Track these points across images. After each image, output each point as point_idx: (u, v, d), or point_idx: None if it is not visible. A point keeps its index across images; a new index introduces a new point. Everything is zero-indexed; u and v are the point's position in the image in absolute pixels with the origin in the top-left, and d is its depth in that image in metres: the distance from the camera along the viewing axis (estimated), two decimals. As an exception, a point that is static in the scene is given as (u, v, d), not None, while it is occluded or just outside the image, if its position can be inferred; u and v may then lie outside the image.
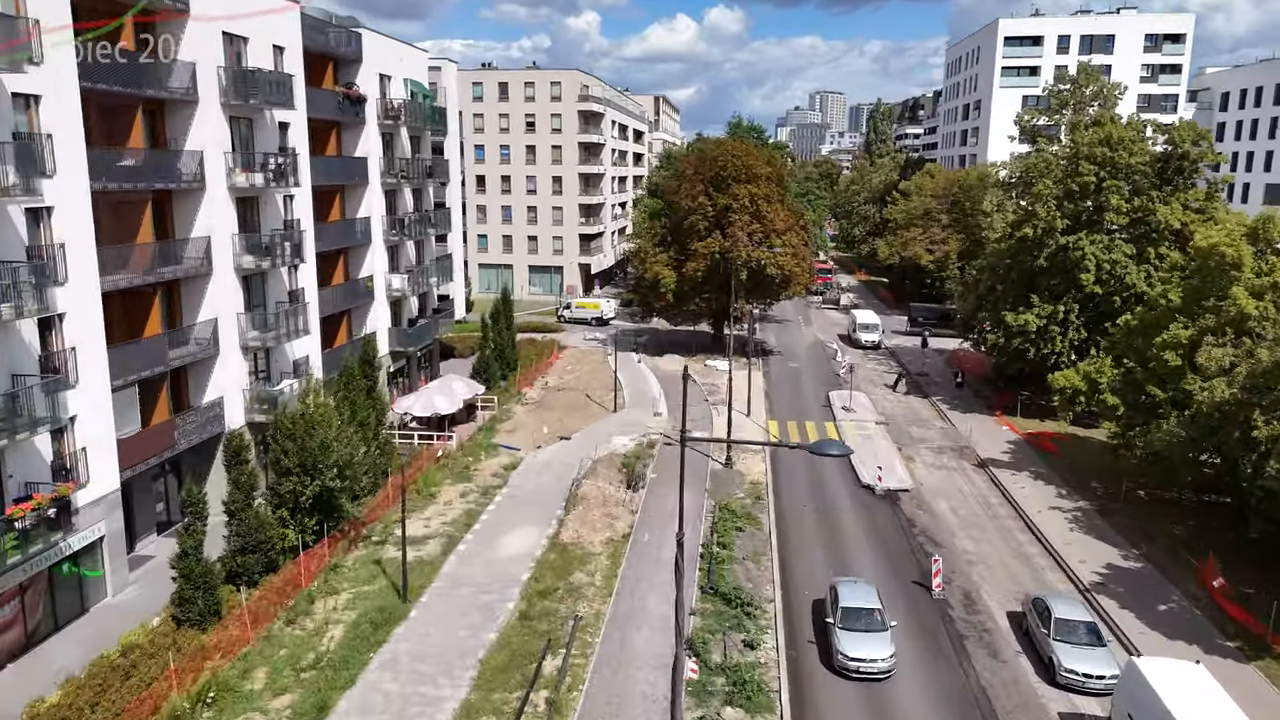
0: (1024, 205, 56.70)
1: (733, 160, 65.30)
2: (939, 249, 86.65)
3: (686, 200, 66.59)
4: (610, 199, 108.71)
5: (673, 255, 68.35)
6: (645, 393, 59.23)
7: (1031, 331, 50.97)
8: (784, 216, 66.54)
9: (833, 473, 44.52)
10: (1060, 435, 49.42)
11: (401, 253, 55.06)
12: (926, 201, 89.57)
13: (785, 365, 68.95)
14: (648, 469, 43.74)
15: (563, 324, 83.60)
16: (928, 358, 71.41)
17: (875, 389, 61.91)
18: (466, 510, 38.30)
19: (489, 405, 53.39)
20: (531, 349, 69.34)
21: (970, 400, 58.21)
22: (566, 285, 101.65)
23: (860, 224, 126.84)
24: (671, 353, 71.90)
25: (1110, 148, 50.72)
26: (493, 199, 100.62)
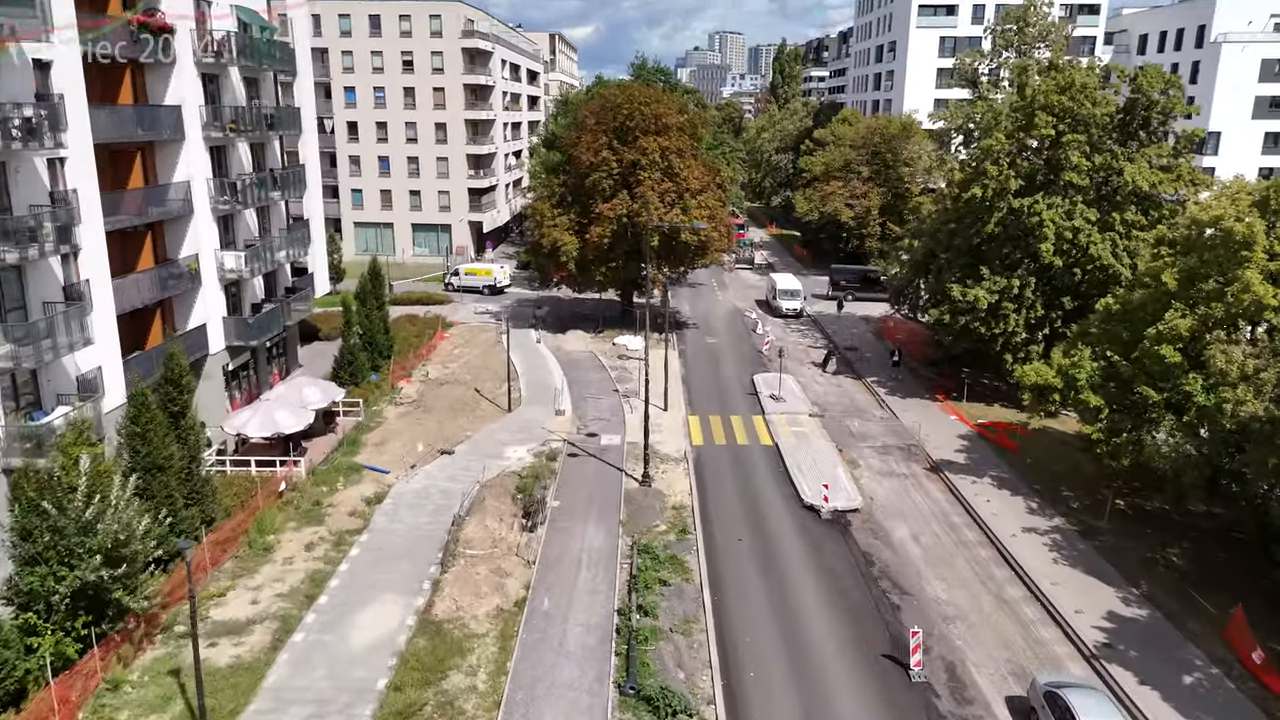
0: (965, 161, 50.17)
1: (640, 109, 56.64)
2: (859, 204, 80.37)
3: (588, 155, 57.72)
4: (503, 147, 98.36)
5: (574, 218, 59.62)
6: (545, 383, 50.92)
7: (982, 309, 44.79)
8: (699, 174, 58.50)
9: (770, 488, 37.52)
10: (1016, 427, 43.69)
11: (238, 223, 44.79)
12: (845, 152, 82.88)
13: (702, 341, 61.58)
14: (548, 493, 35.79)
15: (450, 294, 74.01)
16: (855, 329, 65.18)
17: (803, 368, 55.24)
18: (312, 572, 29.61)
19: (353, 410, 44.22)
20: (411, 328, 59.91)
21: (909, 382, 52.11)
22: (456, 246, 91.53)
23: (771, 175, 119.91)
24: (576, 328, 63.61)
25: (1069, 96, 44.37)
26: (367, 149, 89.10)
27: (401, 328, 59.45)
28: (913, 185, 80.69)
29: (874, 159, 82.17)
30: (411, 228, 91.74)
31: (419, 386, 49.57)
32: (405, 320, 62.00)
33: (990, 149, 45.39)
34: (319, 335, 59.30)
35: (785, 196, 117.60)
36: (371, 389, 47.73)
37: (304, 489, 35.53)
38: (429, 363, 54.62)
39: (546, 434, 42.68)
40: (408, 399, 47.33)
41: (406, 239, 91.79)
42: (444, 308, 69.33)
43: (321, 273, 58.33)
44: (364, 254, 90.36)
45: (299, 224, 54.60)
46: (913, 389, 50.71)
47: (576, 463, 39.44)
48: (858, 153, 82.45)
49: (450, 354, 56.74)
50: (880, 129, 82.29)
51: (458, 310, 68.52)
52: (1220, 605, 28.04)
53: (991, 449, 41.52)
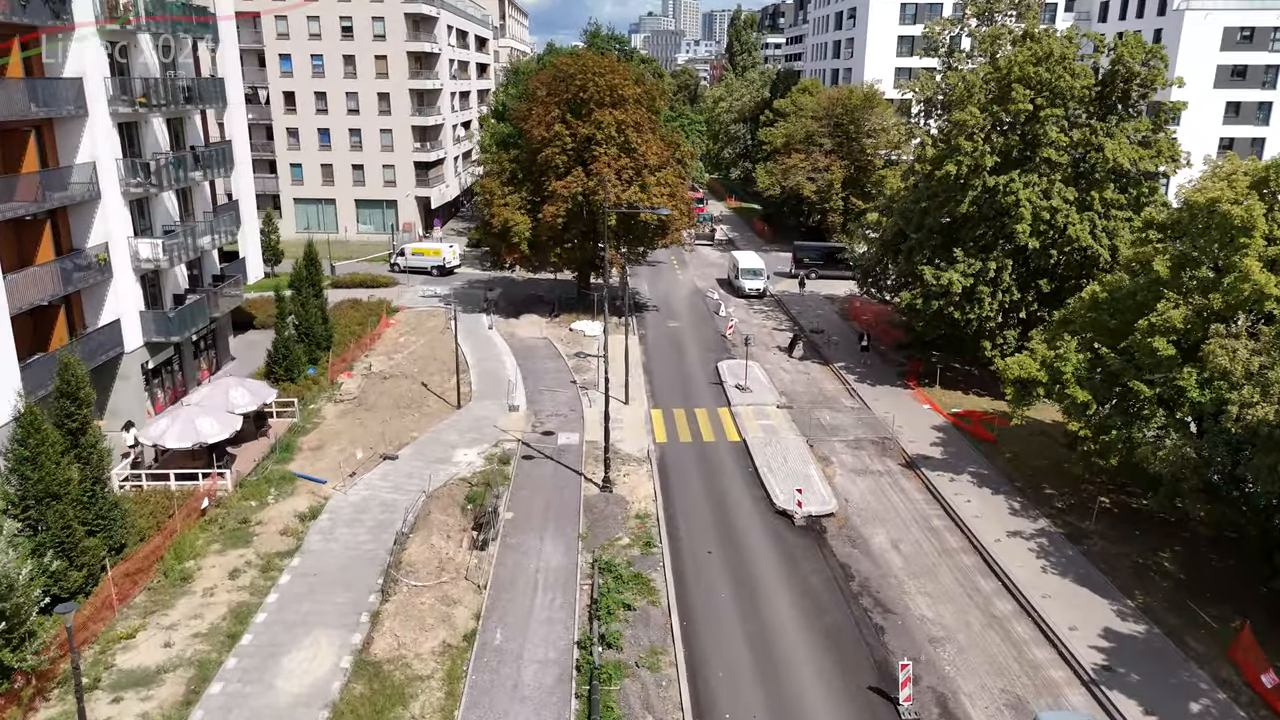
0: (937, 136, 47.77)
1: (594, 80, 53.27)
2: (822, 177, 77.90)
3: (539, 130, 54.31)
4: (451, 118, 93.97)
5: (525, 196, 56.29)
6: (498, 375, 47.87)
7: (956, 294, 42.65)
8: (657, 149, 55.44)
9: (739, 491, 35.13)
10: (992, 417, 41.82)
11: (155, 208, 40.87)
12: (807, 124, 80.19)
13: (664, 325, 58.84)
14: (501, 503, 32.99)
15: (397, 275, 70.22)
16: (820, 310, 62.94)
17: (768, 353, 52.88)
18: (235, 605, 26.54)
19: (288, 410, 40.82)
20: (354, 314, 56.28)
21: (878, 367, 50.01)
22: (402, 223, 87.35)
23: (729, 145, 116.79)
24: (530, 312, 60.48)
25: (1047, 68, 42.08)
26: (306, 121, 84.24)
27: (343, 314, 55.86)
28: (876, 158, 78.51)
29: (836, 131, 79.64)
30: (355, 204, 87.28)
31: (361, 381, 46.19)
32: (348, 305, 58.34)
33: (964, 124, 43.01)
34: (254, 324, 55.52)
35: (745, 169, 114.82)
36: (308, 385, 44.29)
37: (230, 504, 32.27)
38: (372, 353, 51.18)
39: (499, 434, 39.76)
40: (348, 396, 43.98)
41: (350, 216, 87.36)
42: (390, 291, 65.64)
43: (254, 256, 54.36)
44: (305, 232, 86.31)
45: (227, 205, 50.59)
46: (883, 375, 48.61)
47: (532, 466, 36.65)
48: (819, 124, 79.83)
49: (396, 343, 53.31)
50: (842, 99, 79.68)
51: (404, 293, 64.89)
52: (1221, 618, 26.36)
53: (968, 441, 39.58)
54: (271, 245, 68.60)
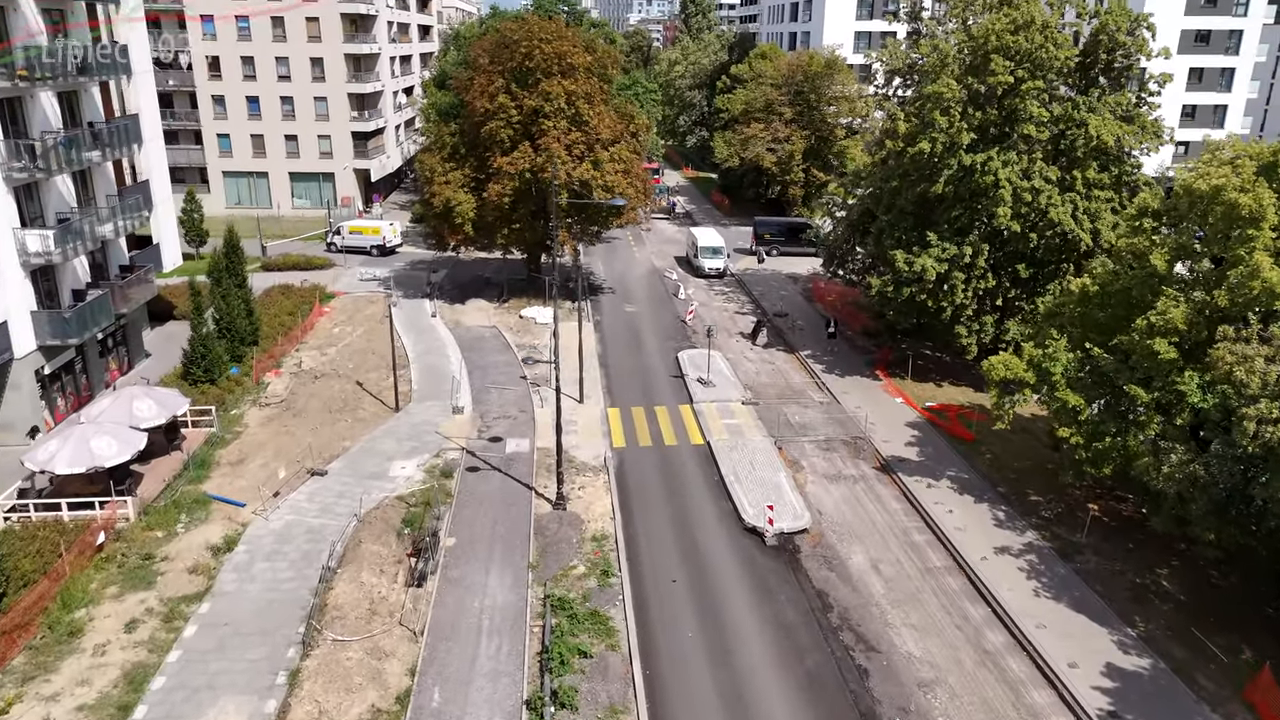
0: (908, 109, 44.78)
1: (541, 47, 49.22)
2: (782, 148, 74.75)
3: (482, 101, 50.23)
4: (391, 85, 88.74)
5: (469, 173, 52.30)
6: (442, 371, 44.29)
7: (930, 281, 39.99)
8: (610, 122, 51.75)
9: (705, 504, 32.29)
10: (969, 412, 39.48)
11: (46, 194, 36.41)
12: (766, 91, 76.78)
13: (621, 310, 55.51)
14: (442, 526, 29.78)
15: (334, 256, 65.75)
16: (783, 290, 60.10)
17: (731, 340, 49.97)
18: (130, 667, 23.04)
19: (204, 419, 36.91)
20: (285, 302, 52.03)
21: (847, 355, 47.41)
22: (340, 197, 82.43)
23: (685, 112, 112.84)
24: (477, 296, 56.71)
25: (1027, 37, 39.23)
26: (233, 88, 78.54)
27: (273, 302, 51.64)
28: (838, 128, 75.59)
29: (797, 99, 76.39)
30: (289, 177, 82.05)
31: (290, 381, 42.29)
32: (279, 292, 54.00)
33: (939, 96, 40.07)
34: (174, 314, 50.98)
35: (701, 137, 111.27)
36: (231, 387, 40.35)
37: (131, 537, 28.57)
38: (304, 347, 47.18)
39: (441, 441, 36.35)
40: (275, 399, 40.12)
41: (284, 190, 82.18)
42: (326, 273, 61.29)
43: (171, 241, 49.89)
44: (235, 207, 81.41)
45: (136, 187, 45.95)
46: (851, 364, 46.04)
47: (477, 480, 33.39)
48: (779, 92, 76.48)
49: (330, 335, 49.33)
50: (802, 66, 76.33)
51: (341, 276, 60.64)
52: (1229, 649, 24.29)
53: (945, 441, 37.18)
54: (195, 225, 63.69)
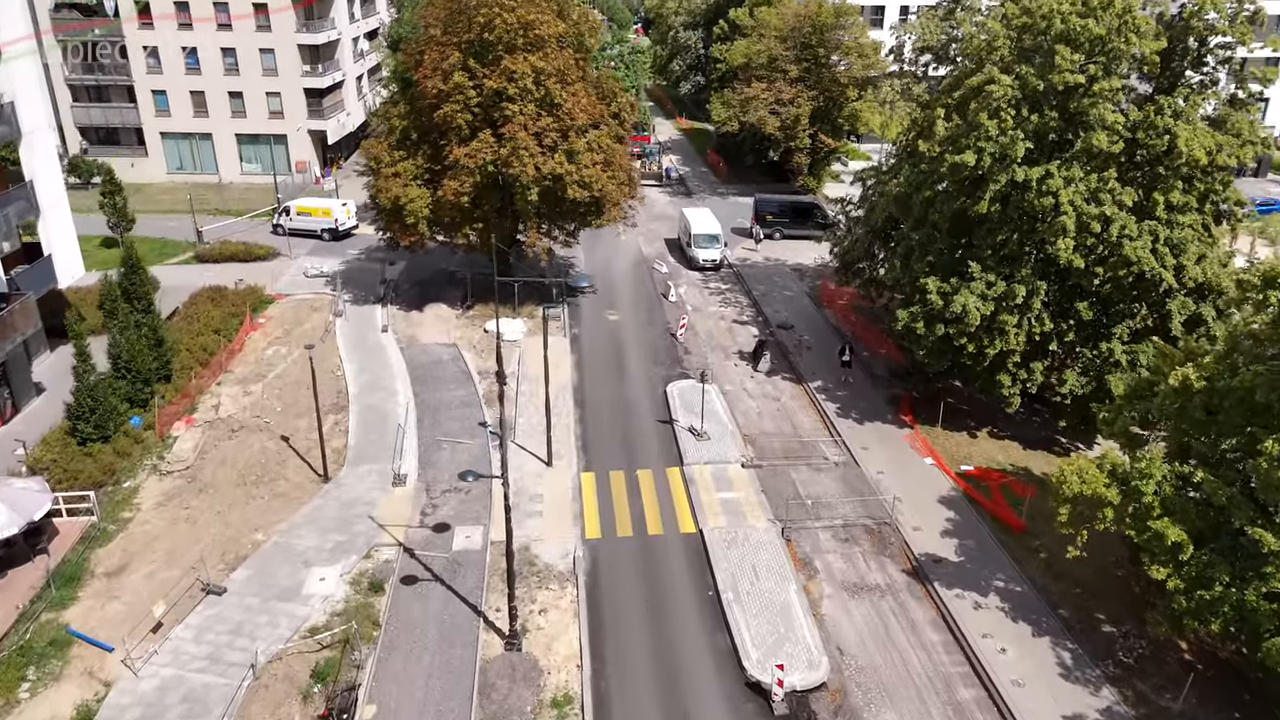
0: (942, 102, 36.98)
1: (502, 15, 40.89)
2: (787, 111, 66.42)
3: (435, 80, 42.14)
4: (350, 31, 79.38)
5: (423, 163, 44.50)
6: (386, 415, 37.37)
7: (972, 325, 32.87)
8: (588, 102, 43.74)
9: (697, 640, 25.86)
10: (1015, 482, 32.94)
11: None
12: (770, 45, 67.99)
13: (602, 319, 48.23)
14: (361, 679, 23.38)
15: (280, 240, 57.88)
16: (787, 289, 52.76)
17: (728, 363, 43.05)
18: None
19: (81, 506, 30.10)
20: (213, 313, 44.60)
21: (864, 388, 40.55)
22: (295, 162, 74.10)
23: (680, 55, 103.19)
24: (438, 300, 49.31)
25: (1099, 20, 31.38)
26: (166, 36, 69.37)
27: (198, 313, 44.45)
28: (850, 87, 67.16)
29: (804, 53, 67.71)
30: (236, 139, 73.51)
31: (202, 435, 35.36)
32: (206, 298, 46.59)
33: (988, 94, 32.40)
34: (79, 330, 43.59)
35: (696, 83, 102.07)
36: (128, 445, 33.55)
37: (-46, 715, 22.19)
38: (227, 379, 40.15)
39: (374, 532, 29.74)
40: (180, 464, 33.26)
41: (231, 154, 73.73)
42: (267, 265, 53.83)
43: (68, 249, 42.23)
44: (178, 173, 73.30)
45: (12, 193, 38.24)
46: (870, 401, 39.26)
47: (413, 598, 26.90)
48: (784, 46, 67.73)
49: (260, 359, 42.20)
50: (810, 16, 67.38)
51: (285, 270, 53.10)
52: None
53: (989, 528, 30.69)
54: (119, 208, 55.76)
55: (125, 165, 72.51)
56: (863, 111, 68.29)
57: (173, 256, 55.92)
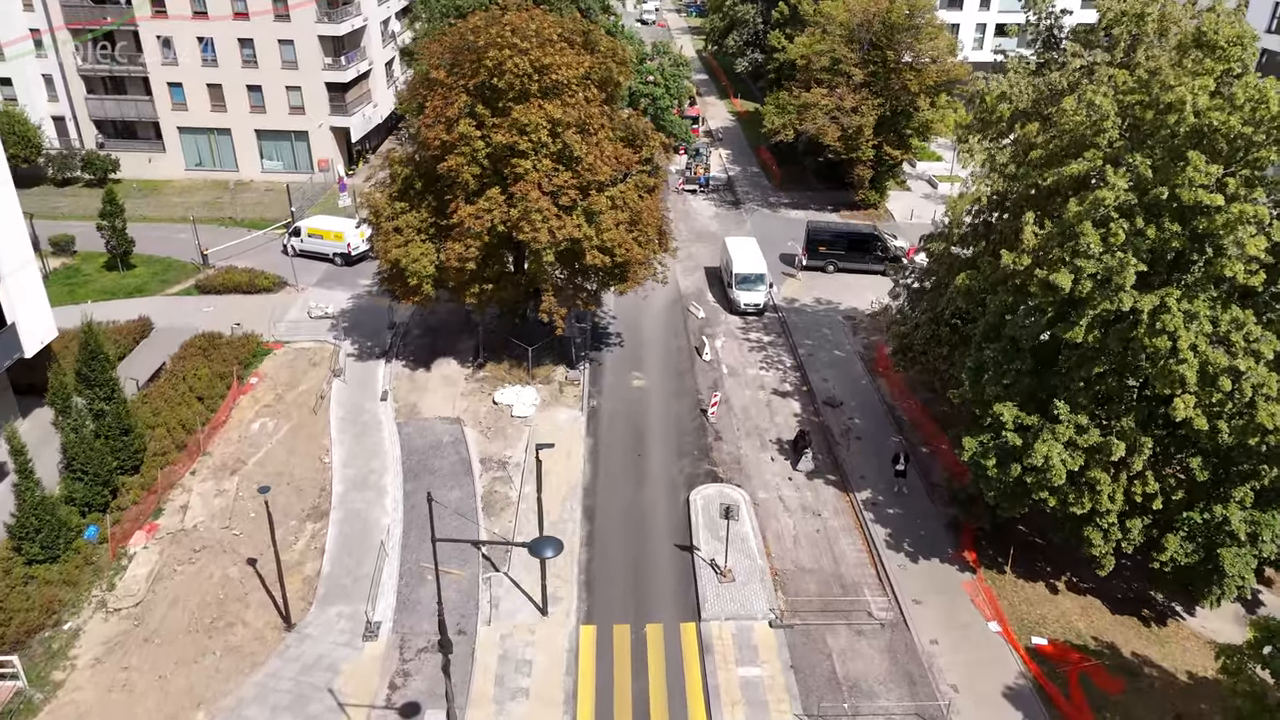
0: (1026, 181, 30.53)
1: (514, 59, 35.17)
2: (849, 120, 59.42)
3: (438, 130, 36.84)
4: (378, 13, 73.85)
5: (427, 216, 39.43)
6: (369, 525, 33.08)
7: (1057, 482, 26.99)
8: (613, 152, 37.99)
9: None
10: (1095, 664, 27.47)
11: None
12: (835, 45, 60.63)
13: (626, 386, 43.02)
14: None
15: (290, 263, 53.53)
16: (838, 347, 46.75)
17: (763, 456, 37.79)
18: None
19: (9, 668, 26.52)
20: (201, 370, 40.54)
21: (920, 506, 34.94)
22: (317, 160, 69.60)
23: (736, 29, 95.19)
24: (448, 355, 44.67)
25: (1251, 117, 24.63)
26: (180, 26, 64.82)
27: (187, 370, 40.66)
28: (922, 96, 59.75)
29: (871, 56, 60.34)
30: (255, 135, 69.11)
31: (161, 556, 31.47)
32: (198, 350, 42.67)
33: (1097, 202, 26.01)
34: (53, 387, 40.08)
35: (754, 60, 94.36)
36: (76, 570, 29.93)
37: None
38: (205, 460, 36.27)
39: (331, 716, 25.63)
40: (129, 598, 29.46)
41: (250, 150, 69.43)
42: (271, 300, 49.68)
43: (35, 313, 38.13)
44: (197, 169, 69.46)
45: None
46: (927, 527, 33.73)
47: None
48: (850, 49, 60.37)
49: (245, 435, 38.20)
50: (880, 14, 59.75)
51: (290, 308, 48.88)
52: None
53: (1064, 741, 25.46)
54: (118, 231, 51.95)
55: (143, 160, 69.38)
56: (935, 122, 60.98)
57: (174, 283, 52.11)
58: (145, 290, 51.18)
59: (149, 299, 50.15)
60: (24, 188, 66.72)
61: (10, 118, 64.13)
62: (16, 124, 64.25)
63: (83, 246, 55.02)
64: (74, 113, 68.29)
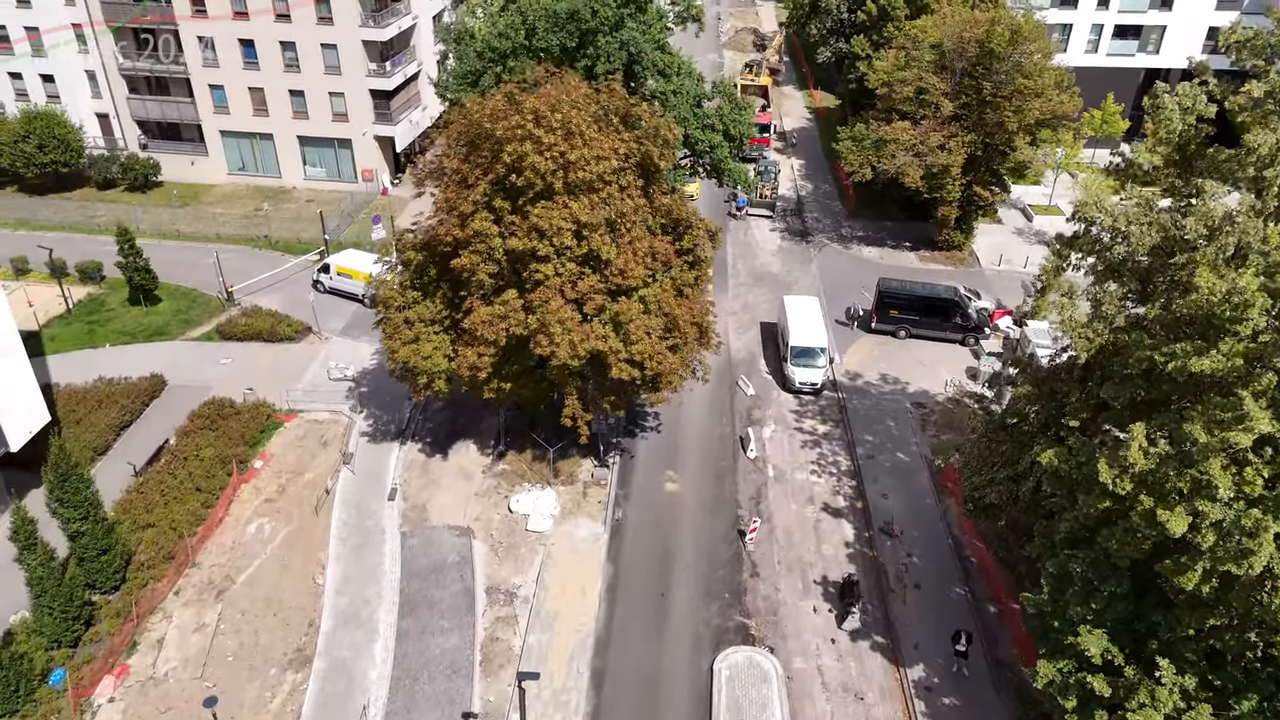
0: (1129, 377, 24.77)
1: (535, 160, 30.35)
2: (935, 158, 52.79)
3: (451, 224, 32.56)
4: (430, 9, 69.14)
5: (442, 307, 35.35)
6: (352, 683, 29.81)
7: (1152, 751, 22.09)
8: (649, 248, 33.12)
9: None
10: None
11: None
12: (924, 72, 53.66)
13: (657, 491, 38.70)
14: None
15: (317, 303, 50.30)
16: (903, 447, 41.36)
17: (803, 604, 33.31)
18: None
19: None
20: (205, 451, 38.09)
21: (981, 696, 29.99)
22: (361, 169, 66.03)
23: (817, 18, 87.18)
24: (466, 438, 41.14)
25: None
26: (221, 27, 61.40)
27: (189, 450, 38.15)
28: (1020, 135, 52.62)
29: (964, 85, 53.27)
30: (298, 141, 65.77)
31: (124, 712, 28.92)
32: (205, 424, 40.12)
33: (1227, 442, 20.36)
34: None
35: (837, 49, 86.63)
36: (37, 729, 27.65)
37: None
38: (192, 573, 33.58)
39: None
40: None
41: (293, 156, 66.27)
42: (293, 352, 46.79)
43: (23, 402, 35.60)
44: (239, 173, 66.92)
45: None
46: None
47: None
48: (940, 77, 53.37)
49: (239, 542, 35.34)
50: (983, 32, 52.37)
51: (310, 362, 45.86)
52: None
53: None
54: (139, 269, 49.33)
55: (185, 163, 67.04)
56: (1034, 163, 54.00)
57: (197, 324, 49.55)
58: (166, 332, 48.73)
59: (168, 344, 47.78)
60: (66, 191, 65.55)
61: (50, 120, 62.05)
62: (56, 127, 62.19)
63: (112, 270, 52.63)
64: (117, 111, 65.91)
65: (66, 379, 43.67)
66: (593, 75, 41.88)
